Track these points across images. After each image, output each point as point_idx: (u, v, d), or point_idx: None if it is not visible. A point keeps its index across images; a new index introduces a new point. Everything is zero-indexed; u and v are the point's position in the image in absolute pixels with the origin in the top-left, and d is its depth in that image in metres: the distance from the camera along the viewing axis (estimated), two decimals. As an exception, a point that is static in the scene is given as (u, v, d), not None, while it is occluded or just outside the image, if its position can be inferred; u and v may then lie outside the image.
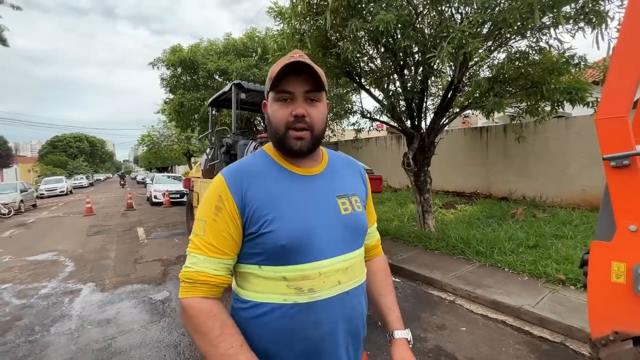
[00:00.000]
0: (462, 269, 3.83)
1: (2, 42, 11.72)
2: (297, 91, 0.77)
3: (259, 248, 0.75)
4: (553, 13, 3.03)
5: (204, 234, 0.75)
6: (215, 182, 0.79)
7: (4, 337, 2.86)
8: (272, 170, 0.81)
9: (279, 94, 0.78)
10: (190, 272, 0.74)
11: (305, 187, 0.81)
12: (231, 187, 0.76)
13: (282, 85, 0.77)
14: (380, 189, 3.89)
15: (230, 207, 0.74)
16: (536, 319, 2.72)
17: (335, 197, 0.83)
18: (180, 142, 22.18)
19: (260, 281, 0.76)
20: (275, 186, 0.78)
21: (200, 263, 0.74)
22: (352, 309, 0.82)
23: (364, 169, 1.01)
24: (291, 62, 0.75)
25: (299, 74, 0.77)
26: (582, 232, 4.56)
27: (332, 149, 3.51)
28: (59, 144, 44.68)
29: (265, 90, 0.83)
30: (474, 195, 7.84)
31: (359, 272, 0.86)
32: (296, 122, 0.77)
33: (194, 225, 0.78)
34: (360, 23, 3.48)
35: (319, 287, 0.76)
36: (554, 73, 4.07)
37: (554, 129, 6.46)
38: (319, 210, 0.79)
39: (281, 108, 0.79)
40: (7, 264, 5.27)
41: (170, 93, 11.12)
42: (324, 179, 0.85)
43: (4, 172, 29.91)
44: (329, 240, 0.78)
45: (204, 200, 0.79)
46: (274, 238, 0.73)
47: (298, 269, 0.75)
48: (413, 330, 2.66)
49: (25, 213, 12.59)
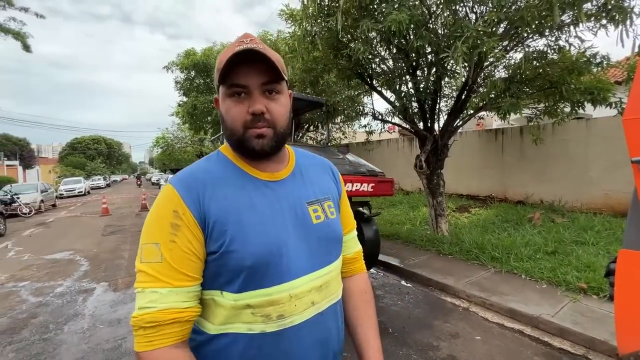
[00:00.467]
0: (476, 274, 3.71)
1: (26, 48, 12.18)
2: (252, 84, 0.65)
3: (221, 270, 0.63)
4: (573, 10, 2.91)
5: (161, 260, 0.60)
6: (166, 195, 0.65)
7: (20, 334, 2.92)
8: (231, 176, 0.69)
9: (231, 89, 0.66)
10: (152, 314, 0.58)
11: (271, 194, 0.70)
12: (186, 199, 0.63)
13: (233, 77, 0.65)
14: (392, 192, 3.81)
15: (189, 221, 0.62)
16: (556, 330, 2.60)
17: (306, 205, 0.73)
18: (194, 144, 22.55)
19: (222, 311, 0.65)
20: (236, 196, 0.66)
21: (164, 298, 0.59)
22: (327, 330, 0.72)
23: (334, 165, 0.89)
24: (240, 50, 0.63)
25: (252, 63, 0.65)
26: (605, 239, 4.35)
27: (343, 151, 3.43)
28: (78, 145, 46.20)
29: (215, 83, 0.71)
30: (489, 199, 7.63)
31: (335, 289, 0.75)
32: (255, 121, 0.66)
33: (142, 253, 0.62)
34: (371, 24, 3.43)
35: (290, 311, 0.66)
36: (574, 73, 3.91)
37: (573, 131, 6.23)
38: (287, 221, 0.68)
39: (235, 105, 0.66)
40: (26, 262, 5.44)
41: (184, 96, 11.34)
42: (292, 183, 0.74)
43: (27, 173, 31.10)
44: (299, 256, 0.67)
45: (153, 219, 0.64)
46: (237, 258, 0.62)
47: (264, 294, 0.64)
48: (425, 338, 2.59)
49: (45, 213, 13.02)
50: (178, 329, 0.60)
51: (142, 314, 0.58)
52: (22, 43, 11.87)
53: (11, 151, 29.44)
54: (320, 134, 10.30)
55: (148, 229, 0.63)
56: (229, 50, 0.65)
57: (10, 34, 11.55)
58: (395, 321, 2.89)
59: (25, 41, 11.90)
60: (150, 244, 0.61)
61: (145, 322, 0.58)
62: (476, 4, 3.68)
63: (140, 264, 0.61)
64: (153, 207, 0.66)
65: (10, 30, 11.52)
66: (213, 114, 10.01)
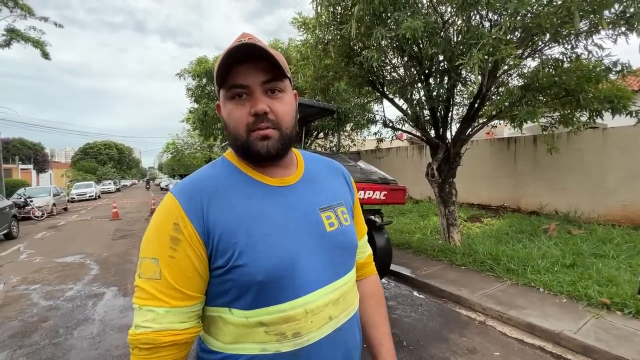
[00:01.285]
0: (491, 287, 3.60)
1: (45, 56, 12.56)
2: (253, 83, 0.61)
3: (229, 286, 0.59)
4: (595, 17, 2.85)
5: (159, 277, 0.57)
6: (166, 206, 0.61)
7: (30, 337, 2.92)
8: (237, 183, 0.64)
9: (231, 90, 0.62)
10: (149, 335, 0.55)
11: (283, 201, 0.65)
12: (188, 211, 0.59)
13: (232, 77, 0.61)
14: (404, 201, 3.76)
15: (191, 235, 0.58)
16: (579, 347, 2.48)
17: (318, 211, 0.68)
18: (203, 150, 22.81)
19: (232, 329, 0.60)
20: (243, 205, 0.61)
21: (161, 319, 0.56)
22: (345, 345, 0.67)
23: (346, 170, 0.85)
24: (237, 45, 0.59)
25: (251, 61, 0.60)
26: (626, 252, 4.20)
27: (354, 158, 3.40)
28: (90, 150, 47.10)
29: (215, 88, 0.68)
30: (501, 209, 7.48)
31: (352, 300, 0.71)
32: (258, 122, 0.61)
33: (141, 267, 0.59)
34: (385, 31, 3.42)
35: (307, 329, 0.61)
36: (592, 81, 3.83)
37: (589, 140, 6.09)
38: (300, 230, 0.64)
39: (237, 107, 0.62)
40: (37, 265, 5.49)
41: (195, 103, 11.49)
42: (302, 189, 0.69)
43: (40, 177, 31.77)
44: (314, 267, 0.63)
45: (152, 231, 0.61)
46: (247, 273, 0.57)
47: (278, 310, 0.59)
48: (441, 352, 2.50)
49: (57, 216, 13.23)
50: (175, 351, 0.58)
51: (138, 334, 0.56)
52: (41, 51, 12.25)
53: (26, 155, 30.18)
54: (329, 141, 10.30)
55: (147, 242, 0.60)
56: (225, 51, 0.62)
57: (30, 42, 11.93)
58: (409, 334, 2.80)
59: (45, 49, 12.27)
60: (148, 259, 0.58)
61: (141, 343, 0.56)
62: (490, 11, 3.65)
63: (139, 279, 0.58)
64: (153, 218, 0.62)
65: (30, 38, 11.91)
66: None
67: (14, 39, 11.67)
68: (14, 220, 8.59)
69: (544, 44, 3.80)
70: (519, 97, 3.45)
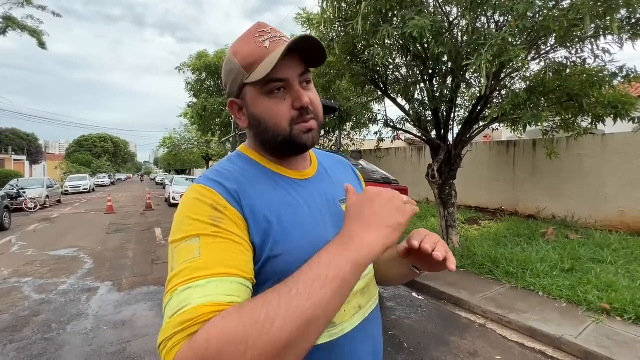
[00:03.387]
0: (491, 290, 3.59)
1: (42, 45, 12.35)
2: (292, 76, 0.59)
3: (263, 278, 0.54)
4: (605, 21, 2.84)
5: (199, 254, 0.47)
6: (197, 193, 0.55)
7: (22, 332, 2.84)
8: (260, 175, 0.62)
9: (268, 85, 0.58)
10: (183, 314, 0.42)
11: (304, 193, 0.64)
12: (224, 194, 0.54)
13: (272, 71, 0.56)
14: (406, 201, 3.73)
15: (233, 214, 0.53)
16: (580, 352, 2.47)
17: (338, 202, 0.68)
18: (200, 146, 22.64)
19: None
20: (272, 194, 0.60)
21: (200, 291, 0.44)
22: (373, 337, 0.67)
23: (352, 164, 0.85)
24: (298, 38, 0.56)
25: (289, 54, 0.57)
26: (623, 257, 4.21)
27: (356, 156, 3.37)
28: (85, 143, 46.59)
29: (232, 81, 0.63)
30: (499, 212, 7.50)
31: (374, 291, 0.72)
32: (303, 115, 0.60)
33: (176, 253, 0.49)
34: (391, 29, 3.39)
35: (340, 319, 0.60)
36: (596, 86, 3.83)
37: (588, 146, 6.11)
38: (325, 220, 0.63)
39: (276, 103, 0.59)
40: (29, 258, 5.38)
41: (194, 97, 11.38)
42: (320, 181, 0.69)
43: (33, 169, 31.34)
44: None
45: (185, 214, 0.53)
46: (284, 263, 0.54)
47: None
48: (442, 355, 2.47)
49: (50, 208, 13.03)
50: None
51: (173, 319, 0.42)
52: (37, 40, 12.04)
53: (19, 146, 29.74)
54: (328, 140, 10.25)
55: (180, 226, 0.52)
56: (255, 43, 0.59)
57: (26, 31, 11.72)
58: (409, 336, 2.77)
59: (41, 38, 12.07)
60: (183, 242, 0.49)
61: (174, 326, 0.41)
62: (497, 13, 3.63)
63: (172, 272, 0.48)
64: (183, 206, 0.54)
65: (27, 27, 11.70)
66: (222, 115, 10.01)
67: (10, 26, 11.45)
68: (6, 212, 8.44)
69: (550, 47, 3.78)
70: (524, 100, 3.43)
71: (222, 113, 9.91)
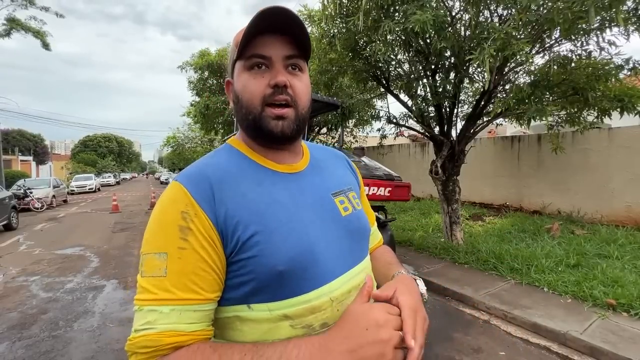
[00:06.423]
0: (495, 286, 3.57)
1: (45, 46, 12.43)
2: (275, 55, 0.58)
3: (246, 279, 0.53)
4: (611, 12, 2.79)
5: (165, 274, 0.50)
6: (171, 194, 0.55)
7: (30, 330, 2.89)
8: (246, 170, 0.61)
9: (250, 60, 0.58)
10: (150, 336, 0.47)
11: (293, 188, 0.62)
12: (197, 197, 0.53)
13: (253, 47, 0.57)
14: (409, 197, 3.72)
15: (203, 223, 0.52)
16: (585, 348, 2.45)
17: (331, 196, 0.66)
18: (203, 144, 22.73)
19: (252, 327, 0.54)
20: (255, 191, 0.58)
21: (164, 318, 0.48)
22: None
23: (348, 157, 0.84)
24: (269, 9, 0.55)
25: (276, 34, 0.57)
26: (630, 253, 4.16)
27: (358, 153, 3.35)
28: (90, 143, 46.96)
29: (230, 61, 0.64)
30: (503, 208, 7.44)
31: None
32: (276, 93, 0.58)
33: (143, 265, 0.52)
34: (393, 24, 3.36)
35: (333, 318, 0.56)
36: (601, 79, 3.76)
37: (594, 141, 6.04)
38: (315, 216, 0.61)
39: (254, 78, 0.58)
40: (37, 256, 5.46)
41: (197, 96, 11.41)
42: (312, 175, 0.67)
43: (40, 169, 31.69)
44: (334, 253, 0.60)
45: (156, 222, 0.54)
46: (267, 263, 0.53)
47: (303, 301, 0.55)
48: (446, 351, 2.47)
49: (56, 208, 13.19)
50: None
51: (137, 338, 0.48)
52: (41, 41, 12.11)
53: (25, 147, 30.06)
54: (331, 137, 10.23)
55: (151, 235, 0.54)
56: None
57: (30, 32, 11.80)
58: (413, 332, 2.77)
59: (45, 39, 12.14)
60: (152, 254, 0.52)
61: (139, 346, 0.47)
62: (500, 7, 3.58)
63: (141, 278, 0.52)
64: (156, 208, 0.56)
65: (31, 28, 11.77)
66: (225, 114, 10.03)
67: (14, 28, 11.54)
68: (14, 212, 8.55)
69: (555, 41, 3.72)
70: (528, 94, 3.39)
71: (225, 111, 9.93)
